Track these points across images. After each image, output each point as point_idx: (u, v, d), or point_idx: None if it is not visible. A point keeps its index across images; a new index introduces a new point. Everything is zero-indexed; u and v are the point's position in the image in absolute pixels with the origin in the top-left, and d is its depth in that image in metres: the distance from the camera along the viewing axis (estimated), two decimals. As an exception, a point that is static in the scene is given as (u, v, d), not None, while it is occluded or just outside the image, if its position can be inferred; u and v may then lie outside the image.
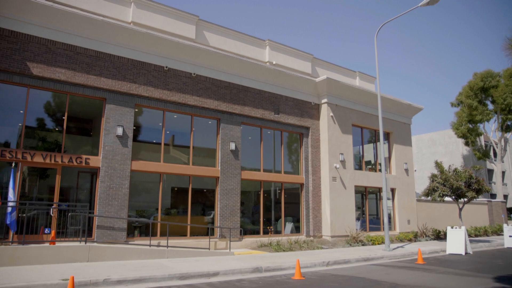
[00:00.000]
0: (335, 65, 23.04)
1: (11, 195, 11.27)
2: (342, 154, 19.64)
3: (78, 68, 13.33)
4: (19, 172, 12.12)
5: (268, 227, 17.56)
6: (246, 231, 16.73)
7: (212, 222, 16.00)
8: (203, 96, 16.04)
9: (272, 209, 18.30)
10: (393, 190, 22.21)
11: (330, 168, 19.11)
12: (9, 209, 11.14)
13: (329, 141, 19.38)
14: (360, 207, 21.24)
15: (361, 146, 21.78)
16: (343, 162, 19.67)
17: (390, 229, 20.92)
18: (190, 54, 15.64)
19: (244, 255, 13.92)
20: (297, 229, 18.61)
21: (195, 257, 12.84)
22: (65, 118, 13.33)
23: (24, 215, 11.75)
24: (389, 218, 21.73)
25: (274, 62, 19.56)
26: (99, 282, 8.66)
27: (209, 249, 13.95)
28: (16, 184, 11.73)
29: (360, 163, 21.59)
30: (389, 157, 22.97)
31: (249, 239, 16.40)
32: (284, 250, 15.46)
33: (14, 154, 12.09)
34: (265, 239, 16.63)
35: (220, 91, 16.60)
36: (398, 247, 17.18)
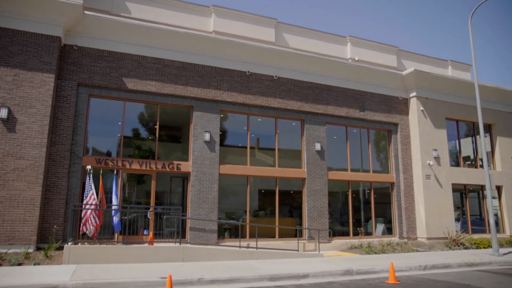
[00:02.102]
0: (423, 56, 21.63)
1: (114, 200, 12.39)
2: (435, 150, 18.32)
3: (167, 80, 14.23)
4: (120, 178, 13.31)
5: (358, 229, 17.00)
6: (334, 233, 16.39)
7: (300, 224, 15.95)
8: (286, 98, 16.10)
9: (362, 210, 17.69)
10: (499, 188, 20.09)
11: (423, 166, 17.93)
12: (113, 212, 12.27)
13: (420, 137, 18.20)
14: (459, 207, 19.59)
15: (457, 141, 20.09)
16: (437, 158, 18.33)
17: (497, 231, 18.94)
18: (271, 57, 15.82)
19: (334, 257, 13.64)
20: (388, 231, 17.76)
21: (284, 258, 12.88)
22: (157, 127, 14.31)
23: (125, 217, 12.84)
24: (496, 219, 19.70)
25: (356, 58, 18.96)
26: (194, 281, 9.09)
27: (297, 250, 13.91)
28: (118, 189, 12.87)
29: (457, 159, 19.92)
30: (492, 151, 20.84)
31: (338, 241, 16.04)
32: (375, 252, 14.84)
33: (115, 162, 13.31)
34: (355, 240, 16.13)
35: (303, 91, 16.52)
36: (509, 252, 15.47)
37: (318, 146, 16.31)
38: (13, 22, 12.13)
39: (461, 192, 19.68)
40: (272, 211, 15.65)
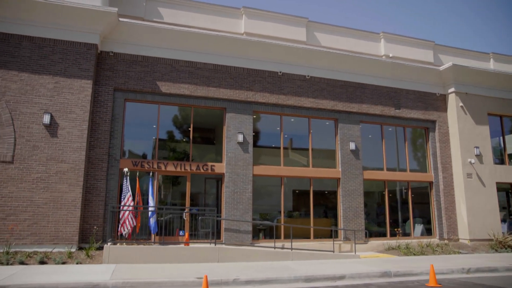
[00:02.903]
0: (462, 49, 20.76)
1: (151, 201, 12.67)
2: (477, 147, 17.56)
3: (199, 82, 14.42)
4: (155, 180, 13.61)
5: (395, 229, 16.55)
6: (371, 233, 16.04)
7: (335, 224, 15.72)
8: (318, 97, 15.95)
9: (399, 210, 17.21)
10: (546, 186, 19.00)
11: (464, 164, 17.23)
12: (150, 214, 12.55)
13: (460, 134, 17.51)
14: (505, 207, 18.67)
15: (500, 137, 19.18)
16: (479, 156, 17.57)
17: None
18: (302, 56, 15.72)
19: (371, 259, 13.34)
20: (428, 231, 17.18)
21: (319, 259, 12.73)
22: (190, 129, 14.52)
23: (161, 218, 13.10)
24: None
25: (390, 55, 18.48)
26: (229, 282, 9.13)
27: (333, 251, 13.71)
28: (154, 191, 13.15)
29: (501, 157, 19.01)
30: (540, 148, 19.73)
31: (375, 242, 15.67)
32: (414, 254, 14.39)
33: (151, 165, 13.62)
34: (392, 241, 15.71)
35: (336, 90, 16.30)
36: (559, 254, 14.62)
37: (352, 146, 16.03)
38: (54, 32, 12.67)
39: (507, 191, 18.76)
40: (307, 212, 15.52)
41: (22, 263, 10.37)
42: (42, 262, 10.53)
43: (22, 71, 12.27)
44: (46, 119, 12.04)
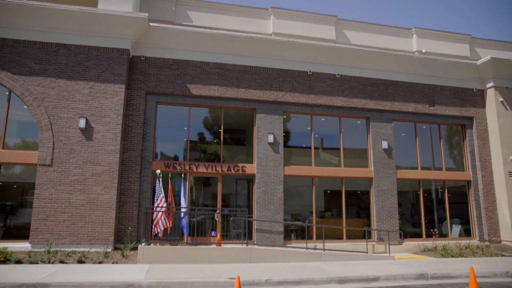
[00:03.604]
0: (501, 42, 19.89)
1: (183, 202, 12.85)
2: (518, 144, 16.78)
3: (229, 84, 14.52)
4: (187, 181, 13.79)
5: (431, 230, 16.04)
6: (406, 234, 15.61)
7: (368, 225, 15.41)
8: (349, 96, 15.70)
9: (435, 210, 16.68)
10: None
11: (505, 162, 16.48)
12: (182, 214, 12.73)
13: (501, 130, 16.77)
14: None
15: (544, 133, 18.21)
16: (520, 153, 16.77)
17: None
18: (332, 55, 15.52)
19: (406, 260, 12.98)
20: (466, 232, 16.54)
21: (352, 260, 12.51)
22: (221, 130, 14.63)
23: (193, 219, 13.25)
24: None
25: (423, 51, 17.98)
26: (261, 282, 9.11)
27: (366, 252, 13.43)
28: (186, 192, 13.34)
29: (544, 154, 18.05)
30: None
31: (410, 243, 15.24)
32: (452, 256, 13.89)
33: (182, 166, 13.82)
34: (428, 243, 15.24)
35: (367, 88, 16.00)
36: None
37: (385, 144, 15.68)
38: (88, 39, 13.11)
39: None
40: (339, 212, 15.30)
41: (62, 262, 10.76)
42: (80, 261, 10.89)
43: (59, 77, 12.75)
44: (82, 123, 12.44)
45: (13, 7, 12.35)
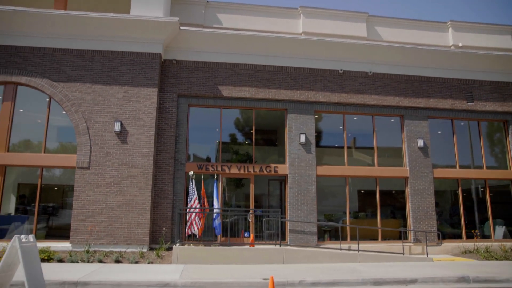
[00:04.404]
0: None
1: (216, 203, 12.95)
2: None
3: (260, 84, 14.52)
4: (220, 182, 13.90)
5: (472, 231, 15.41)
6: (444, 235, 15.06)
7: (404, 225, 14.99)
8: (382, 94, 15.35)
9: (475, 210, 16.00)
10: None
11: (550, 159, 15.62)
12: (215, 215, 12.83)
13: (545, 126, 15.89)
14: None
15: None
16: None
17: None
18: (363, 52, 15.23)
19: (445, 262, 12.53)
20: (511, 234, 15.77)
21: (388, 262, 12.21)
22: (252, 131, 14.66)
23: (226, 220, 13.32)
24: None
25: (460, 45, 17.31)
26: (295, 283, 9.04)
27: (403, 254, 13.07)
28: (219, 193, 13.44)
29: None
30: None
31: (449, 244, 14.69)
32: (496, 258, 13.27)
33: (215, 167, 13.94)
34: (469, 244, 14.63)
35: (400, 86, 15.58)
36: None
37: (420, 143, 15.21)
38: (121, 45, 13.48)
39: None
40: (373, 212, 14.97)
41: (100, 261, 11.10)
42: (117, 261, 11.19)
43: (95, 83, 13.17)
44: (117, 126, 12.79)
45: (53, 18, 12.88)
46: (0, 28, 13.04)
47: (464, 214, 15.52)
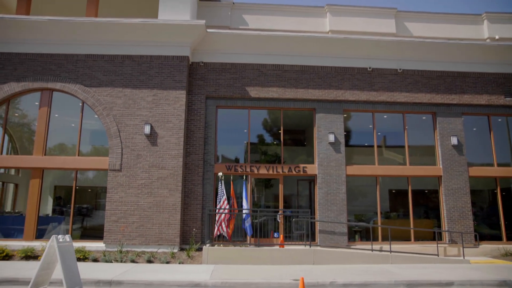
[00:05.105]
0: None
1: (245, 204, 12.98)
2: None
3: (287, 84, 14.46)
4: (249, 183, 13.92)
5: (512, 232, 14.75)
6: (481, 237, 14.49)
7: (438, 226, 14.53)
8: (412, 91, 14.96)
9: (515, 210, 15.31)
10: None
11: None
12: (244, 216, 12.86)
13: None
14: None
15: None
16: None
17: None
18: (392, 49, 14.89)
19: (484, 264, 12.06)
20: (554, 234, 15.00)
21: (421, 263, 11.86)
22: (281, 131, 14.60)
23: (256, 220, 13.33)
24: None
25: (496, 37, 16.63)
26: (326, 284, 8.93)
27: (437, 255, 12.67)
28: (248, 194, 13.46)
29: None
30: None
31: (488, 246, 14.12)
32: (538, 260, 12.67)
33: (244, 168, 13.98)
34: (510, 246, 14.03)
35: (432, 82, 15.13)
36: None
37: (454, 140, 14.70)
38: (150, 49, 13.75)
39: None
40: (405, 212, 14.59)
41: (133, 261, 11.35)
42: (149, 261, 11.40)
43: (125, 87, 13.48)
44: (147, 129, 13.04)
45: (85, 25, 13.29)
46: (37, 37, 13.59)
47: (504, 214, 14.89)
